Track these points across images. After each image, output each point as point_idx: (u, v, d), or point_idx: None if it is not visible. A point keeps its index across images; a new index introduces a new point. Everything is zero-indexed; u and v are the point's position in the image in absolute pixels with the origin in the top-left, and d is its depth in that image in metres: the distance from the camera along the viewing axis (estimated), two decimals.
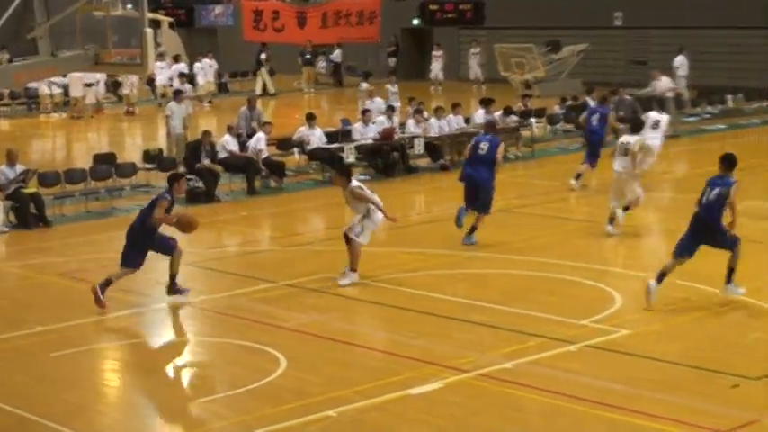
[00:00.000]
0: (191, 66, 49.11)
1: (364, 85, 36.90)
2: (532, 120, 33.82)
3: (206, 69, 49.45)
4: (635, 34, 50.42)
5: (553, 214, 23.01)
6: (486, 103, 31.48)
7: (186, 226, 16.99)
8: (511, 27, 52.40)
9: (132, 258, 16.99)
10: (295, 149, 29.01)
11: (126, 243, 17.07)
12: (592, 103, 33.77)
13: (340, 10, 51.39)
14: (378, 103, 33.48)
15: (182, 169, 27.11)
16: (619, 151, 21.44)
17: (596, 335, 14.75)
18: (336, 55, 55.79)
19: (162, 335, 16.32)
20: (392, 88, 38.88)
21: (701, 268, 18.25)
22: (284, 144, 29.35)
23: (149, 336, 16.22)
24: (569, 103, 36.61)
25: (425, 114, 30.77)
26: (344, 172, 18.45)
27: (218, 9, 66.17)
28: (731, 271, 16.21)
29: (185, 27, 63.74)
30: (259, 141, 27.03)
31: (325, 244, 21.24)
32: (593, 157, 26.09)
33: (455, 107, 31.49)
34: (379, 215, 17.87)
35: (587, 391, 12.71)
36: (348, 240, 17.88)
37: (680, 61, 42.20)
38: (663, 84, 33.54)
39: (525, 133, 32.61)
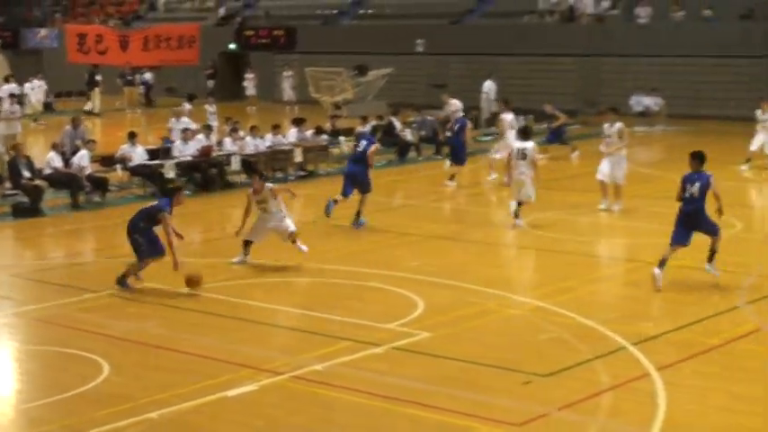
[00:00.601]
0: (20, 86, 47.99)
1: (187, 106, 36.53)
2: (341, 138, 33.96)
3: (36, 89, 48.48)
4: (434, 60, 51.24)
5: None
6: (298, 122, 31.79)
7: (193, 283, 17.33)
8: (321, 52, 52.57)
9: (151, 247, 17.73)
10: (117, 166, 28.53)
11: (134, 239, 17.73)
12: (398, 124, 34.39)
13: (160, 34, 50.80)
14: (183, 122, 32.73)
15: (8, 185, 26.42)
16: (517, 156, 22.17)
17: (400, 337, 14.84)
18: (149, 77, 55.52)
19: None
20: (210, 108, 38.65)
21: (496, 275, 18.58)
22: (107, 161, 28.85)
23: None
24: (375, 123, 36.87)
25: (241, 133, 30.64)
26: (262, 175, 19.89)
27: (43, 32, 64.90)
28: (713, 253, 17.15)
29: (11, 49, 62.53)
30: (82, 158, 26.52)
31: None
32: (457, 159, 28.78)
33: (275, 128, 31.48)
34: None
35: (392, 390, 12.78)
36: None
37: (488, 86, 42.99)
38: (453, 106, 34.21)
39: (335, 151, 32.77)
